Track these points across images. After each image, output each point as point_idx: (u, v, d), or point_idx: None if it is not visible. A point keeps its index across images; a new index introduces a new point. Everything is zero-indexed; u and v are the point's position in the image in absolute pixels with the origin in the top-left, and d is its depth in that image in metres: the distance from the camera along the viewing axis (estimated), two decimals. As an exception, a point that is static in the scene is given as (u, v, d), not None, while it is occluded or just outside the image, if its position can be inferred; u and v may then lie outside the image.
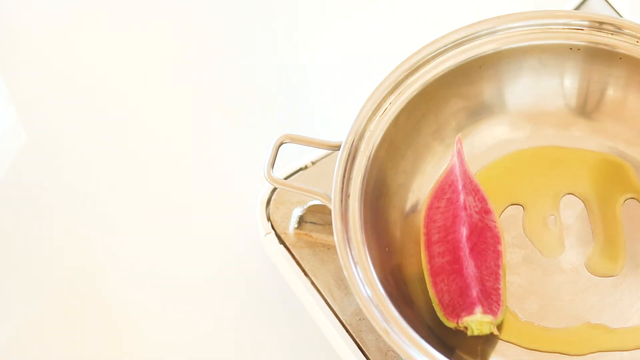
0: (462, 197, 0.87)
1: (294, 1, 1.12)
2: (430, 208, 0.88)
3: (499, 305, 0.85)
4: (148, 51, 1.09)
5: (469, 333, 0.84)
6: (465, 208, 0.87)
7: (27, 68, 1.09)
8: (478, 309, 0.83)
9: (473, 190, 0.88)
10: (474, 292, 0.84)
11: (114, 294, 0.97)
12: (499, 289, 0.85)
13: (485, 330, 0.83)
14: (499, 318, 0.84)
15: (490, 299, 0.84)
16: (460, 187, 0.87)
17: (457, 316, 0.84)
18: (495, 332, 0.84)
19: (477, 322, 0.83)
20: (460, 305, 0.84)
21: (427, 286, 0.86)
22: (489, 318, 0.83)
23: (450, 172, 0.89)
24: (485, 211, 0.88)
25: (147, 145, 1.04)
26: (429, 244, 0.87)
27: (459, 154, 0.89)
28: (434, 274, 0.86)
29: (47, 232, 1.00)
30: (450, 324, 0.84)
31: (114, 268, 0.98)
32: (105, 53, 1.09)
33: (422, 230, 0.87)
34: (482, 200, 0.88)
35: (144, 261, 0.98)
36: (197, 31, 1.10)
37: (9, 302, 0.97)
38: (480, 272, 0.85)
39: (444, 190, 0.88)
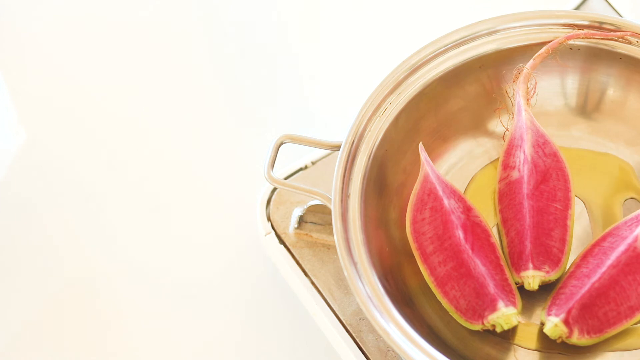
0: (445, 202, 0.87)
1: (295, 1, 1.12)
2: (414, 222, 0.88)
3: (513, 295, 0.85)
4: (147, 52, 1.10)
5: (498, 330, 0.84)
6: (452, 212, 0.87)
7: (28, 69, 1.09)
8: (500, 304, 0.84)
9: (451, 192, 0.88)
10: (490, 288, 0.84)
11: (113, 295, 0.97)
12: (507, 279, 0.86)
13: (513, 322, 0.84)
14: (519, 307, 0.85)
15: (505, 290, 0.85)
16: (440, 192, 0.87)
17: (481, 317, 0.84)
18: (522, 321, 0.85)
19: (503, 316, 0.84)
20: (480, 305, 0.84)
21: (438, 297, 0.86)
22: (512, 310, 0.84)
23: (425, 181, 0.88)
24: (467, 209, 0.88)
25: (147, 146, 1.04)
26: (425, 257, 0.87)
27: (427, 161, 0.89)
28: (441, 284, 0.86)
29: (47, 233, 1.00)
30: (476, 326, 0.85)
31: (113, 267, 0.98)
32: (106, 55, 1.09)
33: (413, 245, 0.87)
34: (461, 199, 0.89)
35: (143, 261, 0.98)
36: (197, 32, 1.10)
37: (7, 304, 0.97)
38: (487, 268, 0.86)
39: (424, 201, 0.88)
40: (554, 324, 0.83)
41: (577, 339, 0.83)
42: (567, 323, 0.83)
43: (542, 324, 0.84)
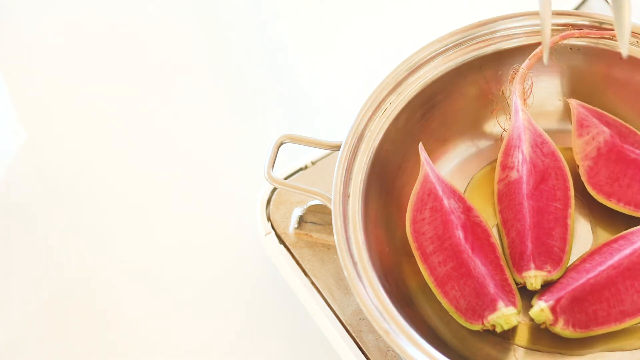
0: (445, 202, 0.87)
1: (295, 2, 1.12)
2: (414, 222, 0.88)
3: (513, 295, 0.85)
4: (147, 52, 1.10)
5: (498, 330, 0.84)
6: (452, 212, 0.87)
7: (28, 69, 1.09)
8: (500, 304, 0.84)
9: (451, 192, 0.88)
10: (490, 288, 0.84)
11: (113, 295, 0.97)
12: (507, 279, 0.86)
13: (513, 322, 0.84)
14: (519, 307, 0.85)
15: (505, 290, 0.85)
16: (440, 192, 0.87)
17: (481, 317, 0.84)
18: (522, 321, 0.85)
19: (502, 317, 0.84)
20: (480, 305, 0.84)
21: (437, 297, 0.86)
22: (512, 310, 0.84)
23: (425, 181, 0.88)
24: (467, 209, 0.88)
25: (147, 146, 1.04)
26: (425, 257, 0.87)
27: (427, 161, 0.89)
28: (441, 284, 0.86)
29: (46, 233, 1.00)
30: (475, 326, 0.85)
31: (113, 266, 0.98)
32: (106, 55, 1.09)
33: (413, 245, 0.87)
34: (461, 199, 0.89)
35: (143, 261, 0.98)
36: (197, 33, 1.10)
37: (6, 304, 0.97)
38: (487, 268, 0.86)
39: (424, 201, 0.88)
40: (540, 308, 0.83)
41: (560, 328, 0.83)
42: (553, 311, 0.83)
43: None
